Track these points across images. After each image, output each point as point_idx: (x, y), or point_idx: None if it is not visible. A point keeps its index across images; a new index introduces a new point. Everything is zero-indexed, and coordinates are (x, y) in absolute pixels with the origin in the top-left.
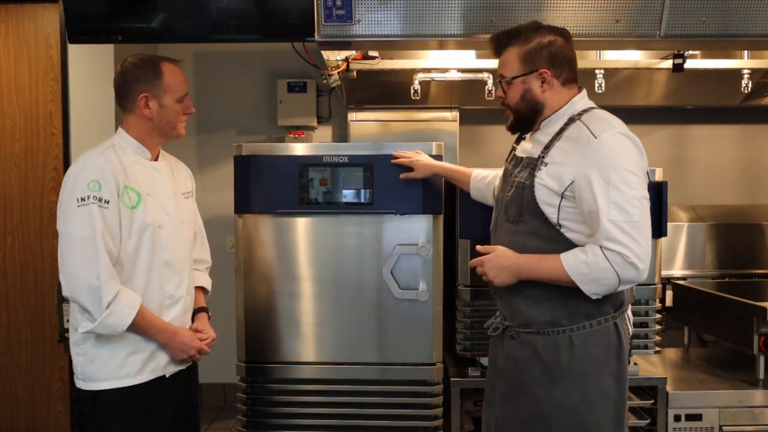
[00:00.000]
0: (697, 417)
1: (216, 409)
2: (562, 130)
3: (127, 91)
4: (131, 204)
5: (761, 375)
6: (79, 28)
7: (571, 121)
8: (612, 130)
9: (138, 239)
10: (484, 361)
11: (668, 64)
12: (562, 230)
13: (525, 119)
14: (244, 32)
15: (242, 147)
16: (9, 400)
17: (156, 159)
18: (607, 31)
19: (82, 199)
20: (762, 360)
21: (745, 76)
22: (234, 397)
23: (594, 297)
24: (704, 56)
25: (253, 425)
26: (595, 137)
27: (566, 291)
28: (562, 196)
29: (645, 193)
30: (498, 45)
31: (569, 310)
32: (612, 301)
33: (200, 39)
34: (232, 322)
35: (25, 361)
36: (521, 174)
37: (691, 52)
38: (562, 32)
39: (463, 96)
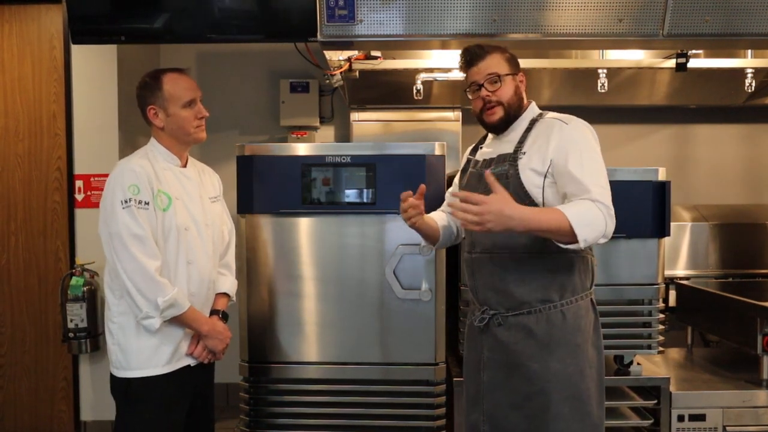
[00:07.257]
0: (701, 417)
1: (219, 408)
2: (528, 129)
3: (141, 107)
4: (163, 206)
5: (765, 375)
6: (82, 29)
7: (534, 121)
8: (576, 119)
9: (167, 240)
10: None
11: (671, 63)
12: None
13: (513, 115)
14: (246, 32)
15: (245, 147)
16: (13, 399)
17: (185, 165)
18: (609, 30)
19: (126, 201)
20: (766, 360)
21: (749, 75)
22: (237, 397)
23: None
24: (707, 55)
25: (255, 425)
26: (566, 123)
27: (553, 267)
28: (546, 176)
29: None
30: (480, 51)
31: (558, 286)
32: (589, 277)
33: (202, 39)
34: (235, 322)
35: (28, 361)
36: (498, 168)
37: (694, 51)
38: None
39: (466, 96)
